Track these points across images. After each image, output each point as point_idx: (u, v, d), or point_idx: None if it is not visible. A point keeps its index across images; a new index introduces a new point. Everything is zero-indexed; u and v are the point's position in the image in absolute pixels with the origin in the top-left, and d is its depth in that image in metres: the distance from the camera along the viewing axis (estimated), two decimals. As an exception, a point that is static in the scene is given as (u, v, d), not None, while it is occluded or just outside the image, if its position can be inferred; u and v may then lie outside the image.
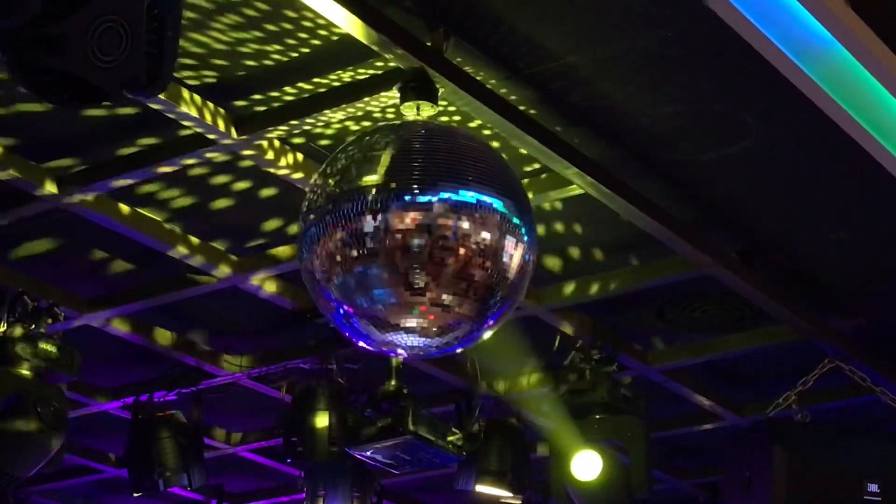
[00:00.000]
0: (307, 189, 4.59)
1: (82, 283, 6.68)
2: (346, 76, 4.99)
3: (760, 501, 6.45)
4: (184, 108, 5.01)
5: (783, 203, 5.89)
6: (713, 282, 6.36)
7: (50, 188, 5.61)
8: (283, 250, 6.24)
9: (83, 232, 6.09)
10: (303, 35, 4.78)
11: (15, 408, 6.29)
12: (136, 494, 7.55)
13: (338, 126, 5.31)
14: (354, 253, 4.19)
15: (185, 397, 7.56)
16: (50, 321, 6.47)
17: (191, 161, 5.46)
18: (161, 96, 4.87)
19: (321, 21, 4.62)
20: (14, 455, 6.35)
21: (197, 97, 5.07)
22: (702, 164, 5.56)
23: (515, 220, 4.29)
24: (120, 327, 6.95)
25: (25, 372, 6.33)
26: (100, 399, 7.83)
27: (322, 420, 6.87)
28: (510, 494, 7.45)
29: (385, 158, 4.24)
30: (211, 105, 5.12)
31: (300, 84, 5.06)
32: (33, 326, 6.40)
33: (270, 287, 6.56)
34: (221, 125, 5.16)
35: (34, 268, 6.50)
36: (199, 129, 5.18)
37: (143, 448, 7.35)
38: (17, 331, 6.35)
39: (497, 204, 4.25)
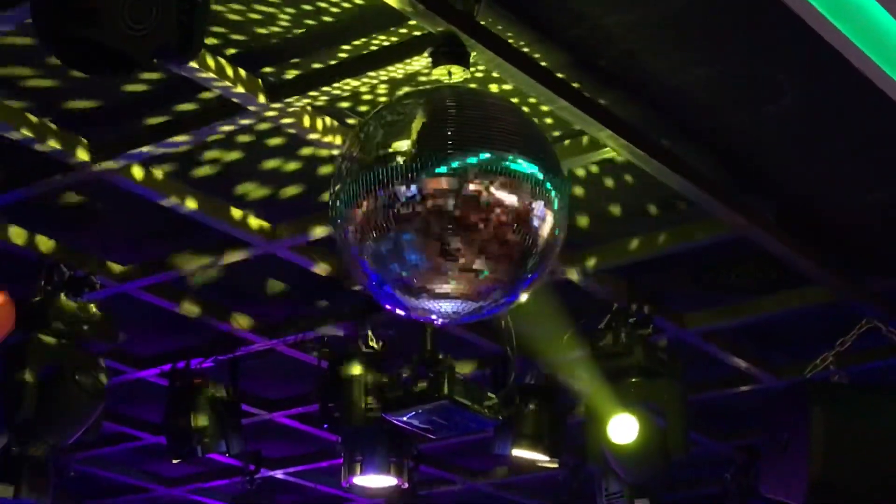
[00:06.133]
0: (339, 155, 4.58)
1: (118, 252, 6.71)
2: (377, 41, 4.98)
3: (798, 463, 6.43)
4: (215, 76, 5.01)
5: (819, 164, 5.85)
6: (749, 244, 6.33)
7: (83, 157, 5.62)
8: (316, 217, 6.24)
9: (119, 201, 6.11)
10: (333, 0, 4.76)
11: (53, 377, 6.34)
12: (174, 461, 7.61)
13: (369, 91, 5.30)
14: (387, 219, 4.19)
15: (222, 364, 7.59)
16: (87, 290, 6.50)
17: (223, 128, 5.46)
18: (192, 64, 4.87)
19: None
20: (54, 424, 6.40)
21: (228, 65, 5.07)
22: (736, 125, 5.53)
23: (547, 184, 4.27)
24: (156, 295, 6.98)
25: (63, 341, 6.37)
26: (137, 367, 7.88)
27: (358, 386, 6.90)
28: (547, 458, 7.47)
29: (416, 124, 4.22)
30: (242, 72, 5.12)
31: (331, 50, 5.05)
32: (70, 295, 6.44)
33: (305, 254, 6.57)
34: (252, 92, 5.15)
35: (70, 237, 6.53)
36: (230, 97, 5.18)
37: (181, 415, 7.39)
38: (54, 300, 6.38)
39: (529, 168, 4.23)
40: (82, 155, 5.62)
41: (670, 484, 7.98)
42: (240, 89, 5.11)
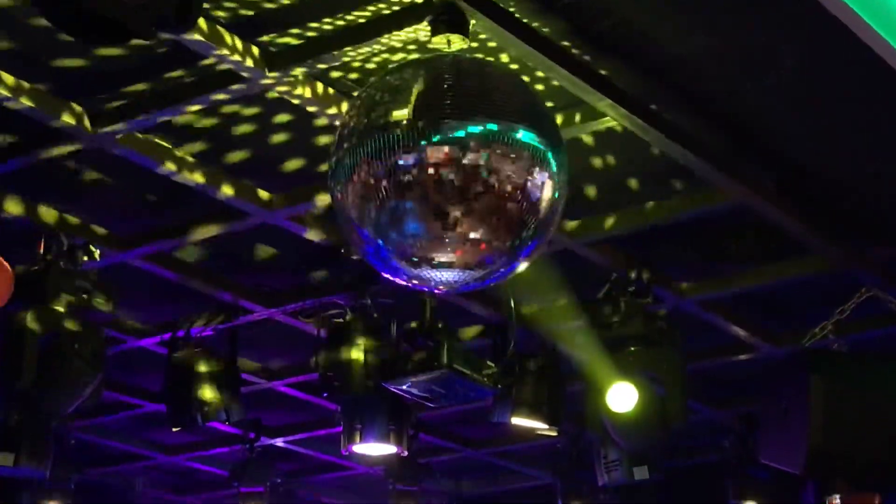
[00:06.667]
0: (338, 125, 4.57)
1: (118, 221, 6.70)
2: (377, 10, 4.95)
3: (797, 431, 6.44)
4: (214, 45, 4.99)
5: (819, 132, 5.84)
6: (749, 213, 6.32)
7: (83, 126, 5.61)
8: (316, 187, 6.23)
9: (117, 169, 6.10)
10: (332, -31, 4.75)
11: (53, 346, 6.34)
12: (174, 429, 7.62)
13: (369, 60, 5.28)
14: (386, 189, 4.17)
15: (222, 333, 7.60)
16: (85, 259, 6.50)
17: (222, 97, 5.45)
18: (190, 33, 4.85)
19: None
20: (54, 392, 6.41)
21: (227, 33, 5.05)
22: (736, 94, 5.51)
23: (547, 154, 4.26)
24: (156, 264, 6.97)
25: (62, 310, 6.37)
26: (137, 335, 7.88)
27: (357, 355, 6.90)
28: (546, 426, 7.48)
29: (416, 93, 4.20)
30: (241, 41, 5.10)
31: (331, 18, 5.03)
32: (69, 264, 6.43)
33: (304, 223, 6.56)
34: (252, 61, 5.14)
35: (69, 206, 6.52)
36: (229, 66, 5.16)
37: (180, 384, 7.40)
38: (54, 269, 6.38)
39: (528, 137, 4.22)
40: (81, 123, 5.60)
41: (669, 452, 7.99)
42: (238, 58, 5.09)
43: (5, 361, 6.31)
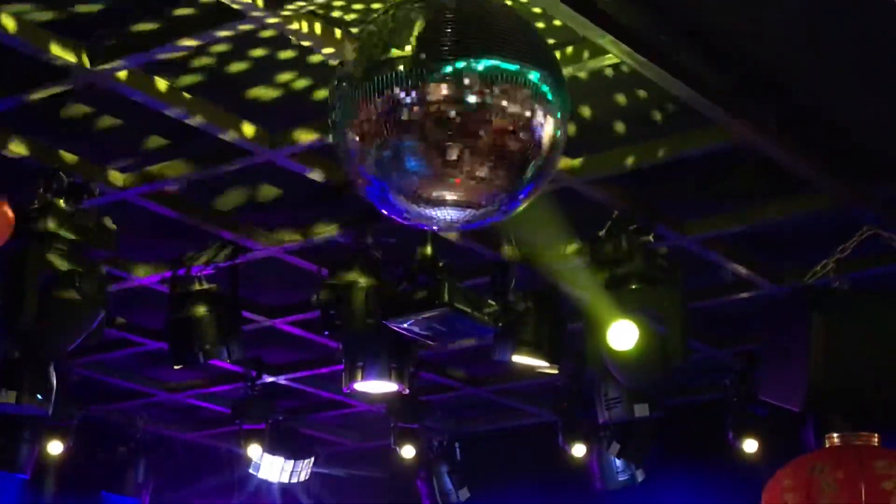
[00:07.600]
0: (338, 62, 4.54)
1: (118, 159, 6.68)
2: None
3: (797, 369, 6.44)
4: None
5: (822, 70, 5.81)
6: (751, 150, 6.30)
7: (82, 63, 5.58)
8: (317, 125, 6.21)
9: (117, 107, 6.08)
10: None
11: (55, 283, 6.34)
12: (176, 367, 7.64)
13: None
14: (387, 126, 4.15)
15: (223, 271, 7.60)
16: (86, 197, 6.49)
17: (222, 34, 5.42)
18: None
19: None
20: (55, 330, 6.42)
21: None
22: (739, 31, 5.48)
23: (548, 91, 4.23)
24: (156, 203, 6.96)
25: (63, 247, 6.37)
26: (138, 273, 7.89)
27: (359, 293, 6.91)
28: (546, 364, 7.50)
29: (416, 29, 4.17)
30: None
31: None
32: (69, 202, 6.42)
33: (306, 161, 6.55)
34: (251, -3, 5.11)
35: (69, 143, 6.50)
36: (229, 2, 5.13)
37: (182, 322, 7.41)
38: (54, 207, 6.37)
39: (530, 74, 4.19)
40: (81, 61, 5.57)
41: (669, 390, 8.02)
42: (238, -6, 5.07)
43: (6, 300, 6.32)
